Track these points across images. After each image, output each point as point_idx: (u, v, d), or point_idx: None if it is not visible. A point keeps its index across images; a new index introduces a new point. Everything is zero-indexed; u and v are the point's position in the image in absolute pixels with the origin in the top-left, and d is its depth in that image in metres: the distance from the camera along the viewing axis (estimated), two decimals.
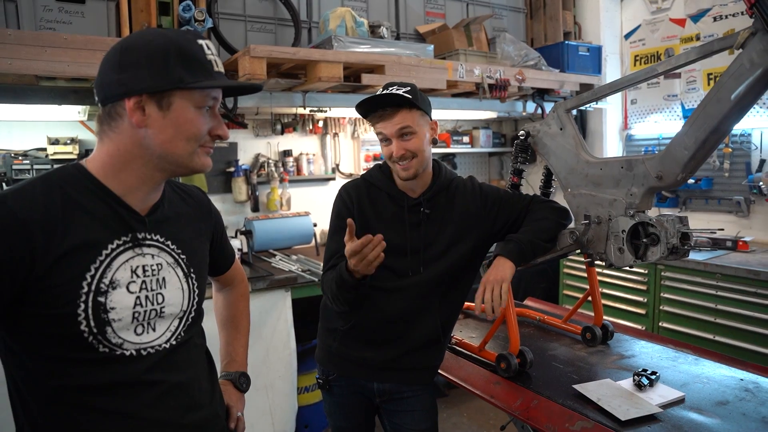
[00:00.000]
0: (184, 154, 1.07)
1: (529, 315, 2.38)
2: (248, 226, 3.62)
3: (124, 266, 1.06)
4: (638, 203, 1.63)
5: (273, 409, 3.16)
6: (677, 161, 1.52)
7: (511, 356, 1.79)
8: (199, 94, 1.05)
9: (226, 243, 1.46)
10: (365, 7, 3.66)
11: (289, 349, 3.17)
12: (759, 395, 1.64)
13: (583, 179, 1.79)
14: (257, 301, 3.08)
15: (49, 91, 2.52)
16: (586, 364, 1.90)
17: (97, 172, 1.07)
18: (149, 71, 1.01)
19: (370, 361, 1.77)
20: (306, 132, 4.07)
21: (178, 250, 1.17)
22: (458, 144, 4.50)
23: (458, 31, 3.63)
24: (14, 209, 0.97)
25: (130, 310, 1.06)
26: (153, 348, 1.10)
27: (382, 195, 1.79)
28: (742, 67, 1.35)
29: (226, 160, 3.80)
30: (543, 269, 4.22)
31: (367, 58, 2.93)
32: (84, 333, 1.01)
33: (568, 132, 1.85)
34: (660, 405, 1.57)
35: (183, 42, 1.05)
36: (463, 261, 1.77)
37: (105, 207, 1.06)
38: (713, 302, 3.22)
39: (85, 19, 2.61)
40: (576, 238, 1.75)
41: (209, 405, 1.21)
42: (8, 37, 2.16)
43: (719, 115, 1.41)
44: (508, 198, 1.85)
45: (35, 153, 3.15)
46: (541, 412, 1.63)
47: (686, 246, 1.59)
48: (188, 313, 1.18)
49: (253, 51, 2.60)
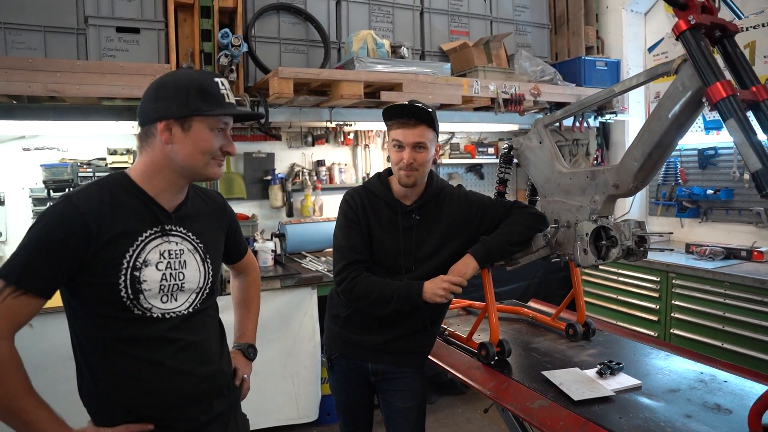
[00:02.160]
0: (200, 164, 1.39)
1: (523, 313, 2.59)
2: (281, 229, 3.96)
3: (154, 250, 1.38)
4: (600, 209, 1.83)
5: (298, 395, 3.46)
6: (629, 172, 1.71)
7: (491, 345, 2.02)
8: (212, 119, 1.37)
9: (240, 237, 1.76)
10: (391, 28, 3.95)
11: (314, 342, 3.46)
12: (711, 385, 1.80)
13: (557, 188, 2.00)
14: (286, 297, 3.40)
15: (109, 110, 2.94)
16: (562, 356, 2.09)
17: (137, 177, 1.40)
18: (176, 102, 1.34)
19: (365, 344, 2.03)
20: (338, 143, 4.40)
21: (197, 240, 1.49)
22: (483, 155, 4.72)
23: (478, 49, 3.87)
24: (77, 205, 1.30)
25: (158, 283, 1.38)
26: (174, 313, 1.41)
27: (380, 202, 2.05)
28: (677, 90, 1.54)
29: (264, 169, 4.17)
30: (565, 276, 4.40)
31: (385, 77, 3.22)
32: (123, 298, 1.33)
33: (545, 145, 2.07)
34: (615, 390, 1.76)
35: (202, 80, 1.38)
36: (450, 261, 2.00)
37: (141, 205, 1.39)
38: (722, 310, 3.31)
39: (140, 47, 3.03)
40: (547, 241, 1.96)
41: (218, 362, 1.51)
42: (77, 67, 2.60)
43: (660, 131, 1.60)
44: (491, 204, 2.09)
45: (97, 162, 3.60)
46: (509, 393, 1.85)
47: (642, 248, 1.77)
48: (204, 289, 1.49)
49: (281, 73, 2.94)
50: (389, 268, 1.99)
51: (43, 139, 3.56)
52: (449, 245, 2.01)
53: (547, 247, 1.99)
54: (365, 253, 1.99)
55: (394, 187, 2.04)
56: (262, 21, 3.47)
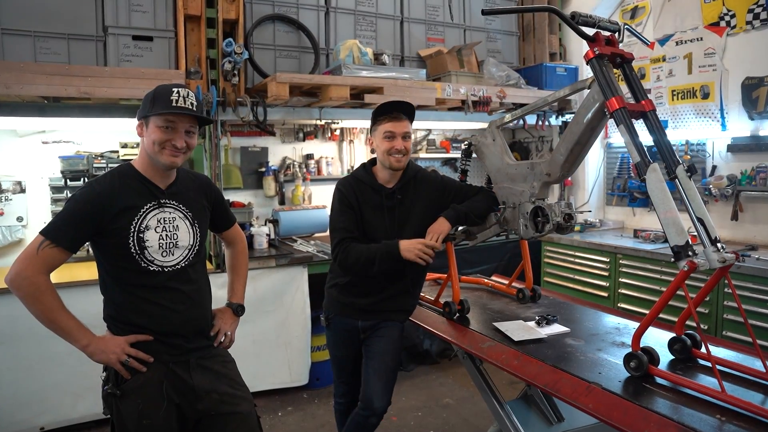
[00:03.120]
0: (153, 153, 1.84)
1: (483, 283, 3.08)
2: (275, 216, 4.41)
3: (153, 218, 1.87)
4: (537, 193, 2.31)
5: (290, 362, 3.91)
6: (557, 164, 2.20)
7: (453, 303, 2.50)
8: (158, 118, 1.82)
9: (226, 210, 2.21)
10: (374, 36, 4.40)
11: (305, 314, 3.92)
12: (623, 331, 2.29)
13: (505, 176, 2.48)
14: (280, 274, 3.85)
15: (126, 108, 3.37)
16: (512, 313, 2.58)
17: (137, 165, 1.91)
18: (143, 107, 1.85)
19: (357, 305, 2.49)
20: (326, 139, 4.86)
21: (186, 209, 1.97)
22: (457, 150, 5.19)
23: (451, 56, 4.34)
24: (95, 188, 1.82)
25: (157, 242, 1.87)
26: (171, 267, 1.90)
27: (367, 188, 2.51)
28: (589, 101, 2.02)
29: (259, 161, 4.61)
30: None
31: (369, 82, 3.67)
32: (133, 254, 1.83)
33: (497, 142, 2.55)
34: (548, 334, 2.25)
35: (162, 90, 1.82)
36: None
37: (141, 185, 1.88)
38: (659, 285, 3.83)
39: (153, 53, 3.45)
40: (497, 218, 2.45)
41: (202, 309, 2.01)
42: (105, 72, 3.03)
43: (578, 132, 2.08)
44: (462, 187, 2.59)
45: (109, 155, 4.02)
46: (466, 338, 2.33)
47: (569, 224, 2.26)
48: (194, 246, 1.97)
49: (279, 78, 3.38)
50: (378, 241, 2.44)
51: (61, 134, 3.97)
52: (426, 218, 2.47)
53: (498, 223, 2.48)
54: (356, 232, 2.44)
55: (378, 174, 2.51)
56: (259, 30, 3.90)
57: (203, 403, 1.92)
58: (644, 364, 1.76)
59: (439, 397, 3.92)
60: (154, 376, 1.86)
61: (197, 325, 1.97)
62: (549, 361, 1.96)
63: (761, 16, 3.89)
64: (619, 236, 4.52)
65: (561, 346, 2.14)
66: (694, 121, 4.32)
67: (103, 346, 1.81)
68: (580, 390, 1.76)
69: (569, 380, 1.82)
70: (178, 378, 1.89)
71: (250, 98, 3.59)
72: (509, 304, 2.74)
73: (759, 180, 3.86)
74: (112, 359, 1.80)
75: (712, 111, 4.18)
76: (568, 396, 1.76)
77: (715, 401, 1.60)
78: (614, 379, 1.79)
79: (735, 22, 4.02)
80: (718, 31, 4.11)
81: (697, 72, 4.25)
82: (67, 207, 1.80)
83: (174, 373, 1.89)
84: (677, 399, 1.65)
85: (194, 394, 1.91)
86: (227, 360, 2.08)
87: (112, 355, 1.80)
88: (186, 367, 1.92)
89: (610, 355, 2.01)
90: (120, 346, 1.82)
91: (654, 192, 1.77)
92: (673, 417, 1.54)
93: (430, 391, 4.03)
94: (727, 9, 4.06)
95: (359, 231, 2.45)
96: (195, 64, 3.53)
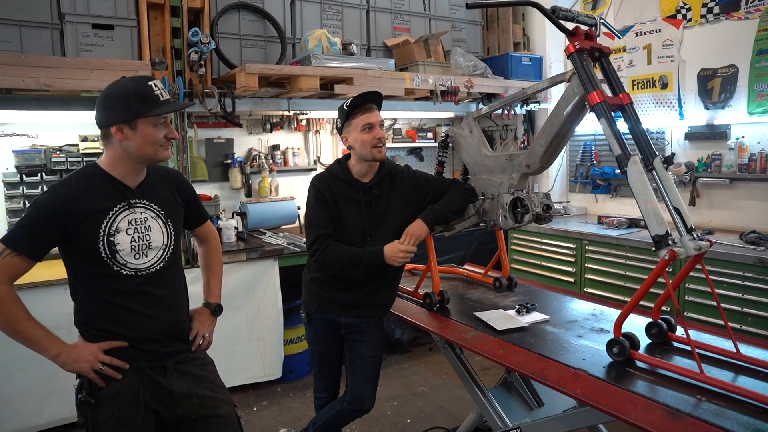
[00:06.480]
0: (150, 153, 1.77)
1: (459, 272, 3.12)
2: (243, 208, 4.32)
3: (123, 220, 1.77)
4: (516, 184, 2.35)
5: (264, 356, 3.87)
6: (536, 155, 2.24)
7: (433, 294, 2.52)
8: (152, 117, 1.75)
9: (198, 205, 2.13)
10: (341, 25, 4.35)
11: (276, 308, 3.88)
12: (600, 317, 2.37)
13: (483, 168, 2.51)
14: (251, 268, 3.79)
15: (87, 100, 3.21)
16: (490, 302, 2.62)
17: (105, 166, 1.78)
18: (121, 110, 1.69)
19: (339, 300, 2.47)
20: (292, 129, 4.79)
21: (159, 208, 1.87)
22: (423, 139, 5.24)
23: (418, 45, 4.33)
24: (59, 192, 1.70)
25: (128, 244, 1.77)
26: (145, 270, 1.81)
27: (343, 183, 2.48)
28: (569, 94, 2.06)
29: (224, 153, 4.51)
30: (496, 246, 5.03)
31: (338, 72, 3.63)
32: (103, 258, 1.73)
33: (474, 134, 2.57)
34: (529, 322, 2.30)
35: (138, 88, 1.71)
36: (403, 226, 2.44)
37: (110, 186, 1.77)
38: (624, 270, 3.97)
39: (114, 42, 3.30)
40: (476, 210, 2.48)
41: (179, 313, 1.94)
42: (66, 63, 2.87)
43: (558, 124, 2.12)
44: (435, 180, 2.58)
45: (68, 148, 3.84)
46: (449, 329, 2.36)
47: (548, 214, 2.30)
48: (168, 246, 1.89)
49: (248, 69, 3.30)
50: (355, 235, 2.43)
51: (13, 127, 3.76)
52: (402, 213, 2.47)
53: (476, 215, 2.51)
54: (331, 227, 2.41)
55: (353, 169, 2.48)
56: (224, 19, 3.80)
57: (183, 407, 1.87)
58: (626, 349, 1.82)
59: (413, 386, 3.97)
60: (130, 383, 1.79)
61: (173, 330, 1.90)
62: (534, 350, 2.00)
63: (714, 11, 4.04)
64: (584, 222, 4.65)
65: (543, 334, 2.19)
66: (654, 110, 4.47)
67: (75, 355, 1.72)
68: (567, 377, 1.81)
69: (556, 367, 1.87)
70: (155, 384, 1.84)
71: (218, 89, 3.49)
72: (487, 293, 2.78)
73: (714, 167, 4.04)
74: (86, 368, 1.72)
75: (671, 100, 4.34)
76: (556, 383, 1.81)
77: (693, 382, 1.68)
78: (598, 364, 1.85)
79: (691, 15, 4.17)
80: (676, 23, 4.26)
81: (656, 62, 4.39)
82: (29, 212, 1.70)
83: (151, 379, 1.83)
84: (658, 381, 1.72)
85: (173, 399, 1.86)
86: (206, 362, 2.03)
87: (85, 363, 1.72)
88: (163, 373, 1.86)
89: (591, 342, 2.07)
90: (93, 353, 1.74)
91: (635, 184, 1.82)
92: (658, 399, 1.60)
93: (404, 380, 4.07)
94: (684, 2, 4.20)
95: (334, 227, 2.43)
96: (159, 55, 3.41)
